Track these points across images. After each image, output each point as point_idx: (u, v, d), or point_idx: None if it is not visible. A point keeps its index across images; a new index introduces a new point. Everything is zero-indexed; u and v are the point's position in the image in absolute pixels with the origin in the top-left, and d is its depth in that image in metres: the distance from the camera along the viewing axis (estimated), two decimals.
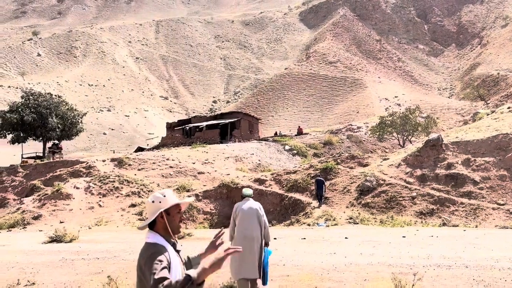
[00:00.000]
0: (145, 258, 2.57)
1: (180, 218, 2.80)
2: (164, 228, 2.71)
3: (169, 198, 2.75)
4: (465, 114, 66.36)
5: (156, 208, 2.71)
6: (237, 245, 5.92)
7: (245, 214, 6.23)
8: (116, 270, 7.92)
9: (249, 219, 6.20)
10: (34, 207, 21.34)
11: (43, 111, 32.36)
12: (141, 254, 2.65)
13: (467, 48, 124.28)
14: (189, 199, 2.98)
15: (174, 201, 2.75)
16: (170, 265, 2.59)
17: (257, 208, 6.34)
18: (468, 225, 15.06)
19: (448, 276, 6.24)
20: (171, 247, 2.70)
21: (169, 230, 2.72)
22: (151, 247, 2.64)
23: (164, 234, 2.71)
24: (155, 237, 2.69)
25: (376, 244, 9.87)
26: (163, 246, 2.65)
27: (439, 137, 20.31)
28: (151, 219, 2.71)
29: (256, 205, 6.40)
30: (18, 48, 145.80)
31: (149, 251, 2.61)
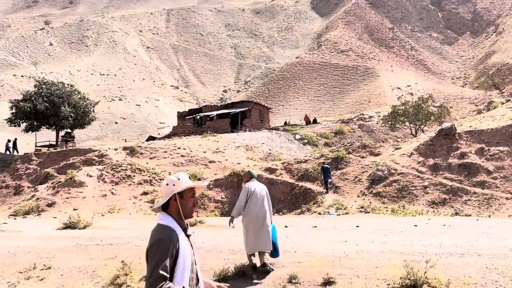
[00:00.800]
0: (154, 241, 2.59)
1: (194, 203, 2.81)
2: (177, 211, 2.73)
3: (183, 181, 2.77)
4: (479, 103, 65.36)
5: (170, 190, 2.74)
6: (252, 222, 6.65)
7: (258, 195, 6.78)
8: (129, 255, 8.04)
9: (262, 199, 6.81)
10: (48, 195, 21.69)
11: (55, 100, 32.68)
12: (151, 234, 2.68)
13: (482, 36, 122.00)
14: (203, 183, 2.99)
15: (188, 184, 2.77)
16: (178, 251, 2.59)
17: (265, 189, 7.06)
18: (481, 215, 14.93)
19: (461, 264, 6.21)
20: (182, 231, 2.70)
21: (181, 214, 2.74)
22: (162, 229, 2.65)
23: (177, 218, 2.73)
24: (167, 219, 2.70)
25: (387, 232, 9.85)
26: (174, 229, 2.64)
27: (452, 126, 20.07)
28: (164, 200, 2.74)
29: (264, 187, 7.10)
30: (31, 38, 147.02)
31: (159, 234, 2.62)
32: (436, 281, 5.41)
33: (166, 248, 2.54)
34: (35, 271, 7.43)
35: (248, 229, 6.69)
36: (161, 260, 2.50)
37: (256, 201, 6.73)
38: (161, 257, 2.51)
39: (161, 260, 2.50)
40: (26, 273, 7.42)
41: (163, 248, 2.53)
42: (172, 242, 2.58)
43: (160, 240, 2.57)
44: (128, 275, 6.79)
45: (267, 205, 6.90)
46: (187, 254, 2.64)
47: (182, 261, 2.59)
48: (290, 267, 6.60)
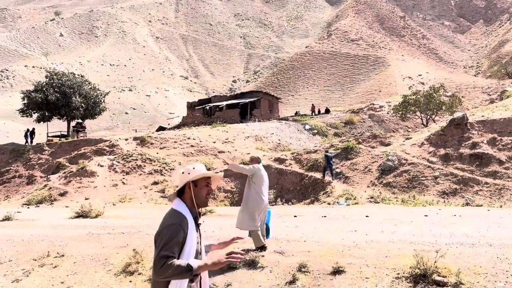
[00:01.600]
0: (165, 225, 2.71)
1: (208, 192, 2.90)
2: (190, 199, 2.83)
3: (198, 170, 2.87)
4: (492, 92, 64.39)
5: (185, 178, 2.85)
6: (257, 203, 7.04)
7: (265, 180, 7.32)
8: (140, 244, 8.14)
9: (267, 184, 7.38)
10: (60, 184, 21.99)
11: (66, 91, 32.96)
12: (164, 218, 2.80)
13: (495, 24, 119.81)
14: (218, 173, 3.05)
15: (201, 173, 2.87)
16: (186, 238, 2.69)
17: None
18: (493, 205, 14.80)
19: (471, 254, 6.19)
20: (193, 219, 2.80)
21: (194, 202, 2.83)
22: (174, 214, 2.76)
23: (190, 205, 2.83)
24: (180, 205, 2.81)
25: (397, 222, 9.83)
26: (185, 216, 2.75)
27: (464, 115, 19.83)
28: (179, 187, 2.87)
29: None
30: (41, 29, 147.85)
31: (170, 219, 2.74)
32: (446, 271, 5.40)
33: (176, 232, 2.66)
34: (48, 259, 7.57)
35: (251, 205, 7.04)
36: (169, 243, 2.62)
37: (264, 186, 7.21)
38: (169, 240, 2.62)
39: (169, 243, 2.62)
40: (40, 260, 7.57)
41: (173, 233, 2.65)
42: (182, 228, 2.69)
43: (171, 225, 2.69)
44: (139, 263, 6.89)
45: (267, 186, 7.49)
46: (193, 243, 2.74)
47: (188, 248, 2.70)
48: (299, 256, 6.64)
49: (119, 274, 6.69)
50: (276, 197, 22.39)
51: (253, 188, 7.16)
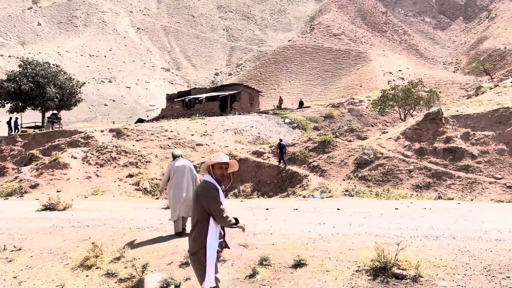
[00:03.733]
0: (204, 189, 4.14)
1: (221, 173, 4.20)
2: (214, 176, 4.19)
3: (215, 158, 4.25)
4: (470, 89, 65.59)
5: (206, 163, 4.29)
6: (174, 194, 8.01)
7: (179, 170, 8.06)
8: (103, 237, 7.91)
9: (182, 174, 8.07)
10: (32, 176, 21.41)
11: (40, 80, 32.05)
12: (200, 185, 4.29)
13: (474, 22, 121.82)
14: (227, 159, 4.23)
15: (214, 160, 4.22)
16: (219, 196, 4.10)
17: (188, 165, 8.30)
18: (464, 198, 15.00)
19: (434, 247, 6.17)
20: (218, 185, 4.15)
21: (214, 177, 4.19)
22: (207, 183, 4.20)
23: (216, 179, 4.18)
24: (209, 177, 4.22)
25: (367, 215, 9.82)
26: (214, 184, 4.14)
27: (439, 110, 20.04)
28: (205, 169, 4.28)
29: (187, 163, 8.36)
30: (18, 17, 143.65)
31: (206, 185, 4.17)
32: (407, 264, 5.36)
33: (215, 192, 4.11)
34: (4, 253, 7.27)
35: (172, 198, 7.98)
36: (216, 199, 4.08)
37: (178, 175, 8.02)
38: (215, 197, 4.07)
39: (216, 199, 4.08)
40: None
41: (213, 192, 4.09)
42: (215, 189, 4.11)
43: (210, 188, 4.12)
44: (98, 256, 6.66)
45: (191, 179, 8.18)
46: (224, 201, 4.14)
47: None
48: (263, 249, 6.52)
49: (76, 268, 6.46)
50: (253, 190, 22.30)
51: (172, 183, 8.05)
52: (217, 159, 4.23)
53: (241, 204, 13.52)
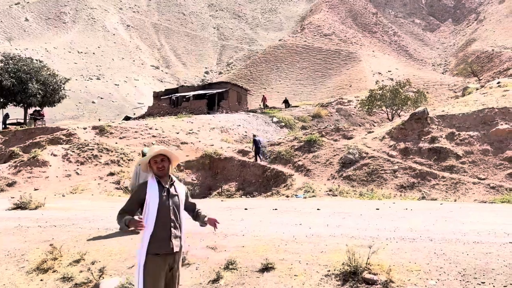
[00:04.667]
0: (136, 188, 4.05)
1: (157, 167, 3.90)
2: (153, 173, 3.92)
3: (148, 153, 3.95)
4: (458, 90, 65.96)
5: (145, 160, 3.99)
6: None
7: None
8: (67, 238, 7.52)
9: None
10: (9, 174, 20.80)
11: (23, 76, 31.32)
12: None
13: (463, 24, 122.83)
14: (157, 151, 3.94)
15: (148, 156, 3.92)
16: (145, 195, 3.76)
17: None
18: (447, 199, 14.85)
19: (409, 249, 5.90)
20: (157, 183, 3.83)
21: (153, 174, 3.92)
22: (141, 183, 3.99)
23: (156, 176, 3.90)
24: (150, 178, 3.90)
25: (346, 216, 9.54)
26: (147, 183, 3.85)
27: (425, 110, 19.90)
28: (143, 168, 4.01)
29: None
30: (5, 13, 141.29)
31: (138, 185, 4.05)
32: (379, 268, 5.07)
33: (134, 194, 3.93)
34: None
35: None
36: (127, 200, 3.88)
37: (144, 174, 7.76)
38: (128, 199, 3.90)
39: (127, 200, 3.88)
40: None
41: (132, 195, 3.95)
42: (140, 191, 3.85)
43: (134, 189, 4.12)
44: (57, 259, 6.28)
45: None
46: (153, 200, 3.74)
47: (148, 201, 3.73)
48: (232, 251, 6.20)
49: (31, 272, 6.07)
50: (237, 189, 21.96)
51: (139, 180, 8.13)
52: (150, 153, 3.92)
53: (221, 204, 13.18)
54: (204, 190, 22.77)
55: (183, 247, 4.00)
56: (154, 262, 3.67)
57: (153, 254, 3.68)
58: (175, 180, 4.09)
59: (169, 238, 3.77)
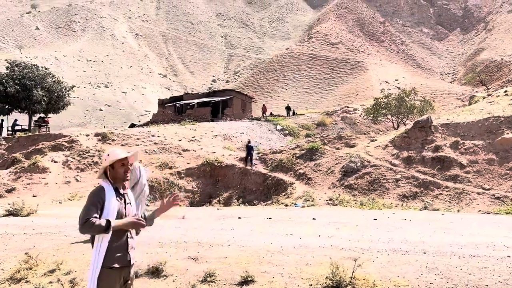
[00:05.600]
0: (88, 195, 3.53)
1: (125, 170, 3.61)
2: (112, 177, 3.59)
3: (111, 156, 3.61)
4: (465, 99, 65.22)
5: (104, 164, 3.63)
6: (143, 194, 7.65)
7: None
8: (49, 246, 7.28)
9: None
10: (9, 180, 20.74)
11: (27, 83, 31.46)
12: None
13: (472, 33, 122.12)
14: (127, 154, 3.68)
15: (113, 159, 3.58)
16: (103, 203, 3.43)
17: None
18: (451, 209, 14.41)
19: (400, 263, 5.57)
20: (114, 190, 3.52)
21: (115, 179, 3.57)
22: (96, 188, 3.56)
23: (113, 182, 3.58)
24: (103, 182, 3.58)
25: (341, 226, 9.21)
26: (103, 188, 3.51)
27: (429, 118, 19.51)
28: (100, 172, 3.64)
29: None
30: (17, 21, 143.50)
31: (92, 190, 3.56)
32: (363, 282, 4.76)
33: (94, 197, 3.46)
34: None
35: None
36: (88, 206, 3.41)
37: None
38: (89, 204, 3.42)
39: (88, 206, 3.41)
40: None
41: (92, 197, 3.47)
42: (100, 196, 3.46)
43: (91, 192, 3.52)
44: (32, 268, 6.04)
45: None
46: (111, 207, 3.44)
47: (107, 212, 3.41)
48: (213, 262, 5.91)
49: (4, 282, 5.82)
50: (238, 197, 21.66)
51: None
52: (115, 156, 3.55)
53: (215, 212, 12.89)
54: (204, 198, 22.49)
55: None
56: (110, 275, 3.35)
57: (108, 267, 3.36)
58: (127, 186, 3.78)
59: (126, 249, 3.48)
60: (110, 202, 3.44)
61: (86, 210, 3.37)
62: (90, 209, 3.37)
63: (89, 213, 3.33)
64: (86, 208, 3.38)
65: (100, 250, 3.38)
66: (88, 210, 3.36)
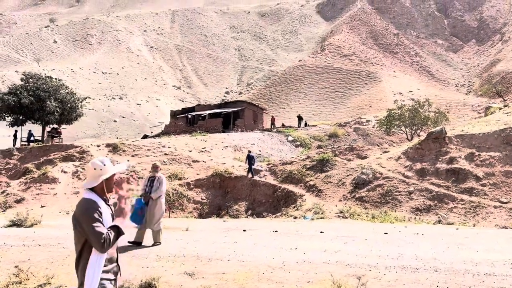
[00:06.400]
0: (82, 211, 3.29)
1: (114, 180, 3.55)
2: (101, 189, 3.42)
3: (108, 167, 3.48)
4: (482, 111, 64.03)
5: (98, 174, 3.41)
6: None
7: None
8: (44, 259, 7.07)
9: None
10: (19, 191, 20.78)
11: (41, 94, 31.82)
12: (78, 205, 3.39)
13: (487, 44, 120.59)
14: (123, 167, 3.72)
15: (113, 171, 3.50)
16: (102, 216, 3.31)
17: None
18: (466, 223, 13.85)
19: (409, 281, 5.19)
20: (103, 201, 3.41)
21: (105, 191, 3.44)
22: (87, 202, 3.35)
23: (100, 193, 3.41)
24: (90, 194, 3.39)
25: (349, 240, 8.81)
26: (96, 201, 3.35)
27: (442, 129, 18.99)
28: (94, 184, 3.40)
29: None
30: (35, 35, 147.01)
31: (85, 205, 3.33)
32: None
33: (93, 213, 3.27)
34: None
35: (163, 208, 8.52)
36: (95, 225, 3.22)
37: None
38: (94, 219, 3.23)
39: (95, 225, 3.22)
40: None
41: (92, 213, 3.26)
42: (97, 209, 3.31)
43: (88, 209, 3.30)
44: (21, 283, 5.81)
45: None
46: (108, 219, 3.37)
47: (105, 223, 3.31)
48: (210, 279, 5.60)
49: None
50: (247, 209, 21.33)
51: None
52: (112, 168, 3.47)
53: (221, 225, 12.58)
54: (213, 210, 22.19)
55: None
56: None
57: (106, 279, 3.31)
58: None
59: (117, 261, 3.48)
60: (106, 214, 3.38)
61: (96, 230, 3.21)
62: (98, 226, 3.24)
63: (100, 232, 3.22)
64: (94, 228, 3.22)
65: (99, 262, 3.27)
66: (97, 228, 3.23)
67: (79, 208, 3.30)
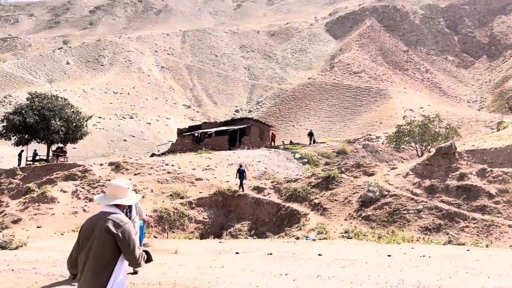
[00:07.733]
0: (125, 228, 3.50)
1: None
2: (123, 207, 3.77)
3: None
4: (494, 126, 62.67)
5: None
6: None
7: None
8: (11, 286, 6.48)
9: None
10: (17, 211, 20.38)
11: (46, 113, 31.82)
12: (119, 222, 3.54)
13: (499, 60, 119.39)
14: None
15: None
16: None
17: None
18: (479, 243, 12.94)
19: None
20: None
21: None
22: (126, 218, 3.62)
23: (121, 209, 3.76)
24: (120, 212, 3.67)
25: (348, 264, 8.07)
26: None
27: (452, 144, 18.18)
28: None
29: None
30: (49, 57, 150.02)
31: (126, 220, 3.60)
32: None
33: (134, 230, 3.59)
34: None
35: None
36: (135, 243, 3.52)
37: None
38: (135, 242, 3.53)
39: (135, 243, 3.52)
40: None
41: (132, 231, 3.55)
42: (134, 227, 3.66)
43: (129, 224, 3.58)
44: None
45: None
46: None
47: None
48: None
49: None
50: (249, 229, 20.58)
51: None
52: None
53: (215, 247, 11.90)
54: (215, 229, 21.49)
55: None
56: None
57: None
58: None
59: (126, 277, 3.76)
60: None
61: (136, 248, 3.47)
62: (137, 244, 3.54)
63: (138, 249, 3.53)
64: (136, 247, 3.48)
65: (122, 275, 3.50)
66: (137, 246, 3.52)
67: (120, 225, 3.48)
